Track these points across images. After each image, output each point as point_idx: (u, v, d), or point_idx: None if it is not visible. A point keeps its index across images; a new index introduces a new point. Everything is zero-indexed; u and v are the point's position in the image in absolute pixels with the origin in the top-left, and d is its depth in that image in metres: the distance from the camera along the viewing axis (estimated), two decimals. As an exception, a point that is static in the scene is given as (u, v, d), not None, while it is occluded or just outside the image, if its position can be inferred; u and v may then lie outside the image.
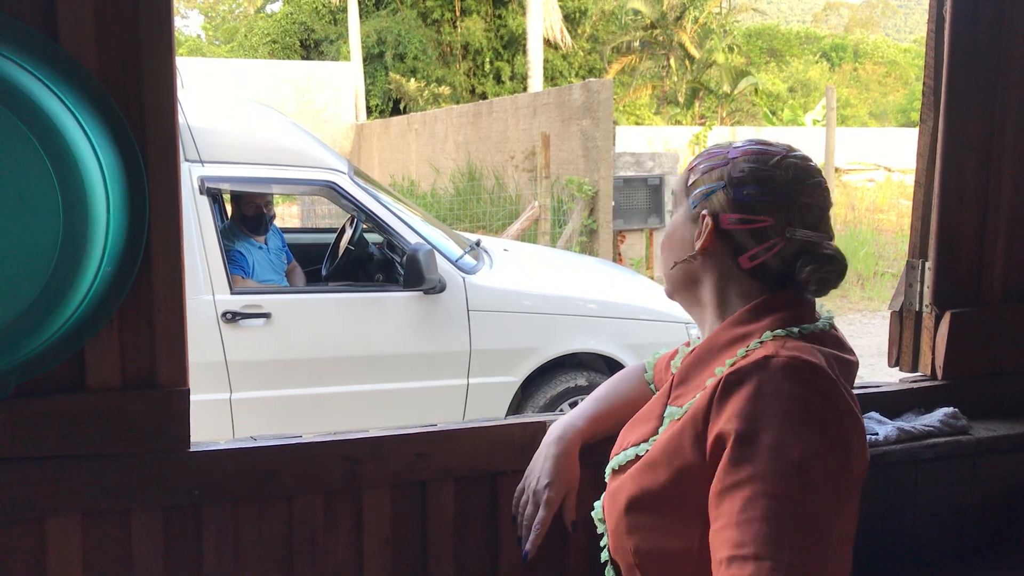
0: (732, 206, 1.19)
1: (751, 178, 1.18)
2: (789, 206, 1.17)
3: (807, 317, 1.18)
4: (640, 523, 1.16)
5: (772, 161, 1.19)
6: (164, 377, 1.34)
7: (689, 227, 1.24)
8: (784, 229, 1.17)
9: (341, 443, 1.45)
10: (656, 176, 10.67)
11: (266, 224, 4.72)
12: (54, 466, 1.30)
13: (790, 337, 1.13)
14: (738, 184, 1.19)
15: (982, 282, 1.77)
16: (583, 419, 1.44)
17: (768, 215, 1.17)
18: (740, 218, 1.18)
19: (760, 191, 1.17)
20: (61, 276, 1.14)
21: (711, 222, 1.20)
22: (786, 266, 1.18)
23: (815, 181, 1.20)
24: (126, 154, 1.26)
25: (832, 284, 1.18)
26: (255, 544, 1.42)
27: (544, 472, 1.39)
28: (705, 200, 1.22)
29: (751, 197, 1.17)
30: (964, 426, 1.67)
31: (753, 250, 1.18)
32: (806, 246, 1.17)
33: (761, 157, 1.20)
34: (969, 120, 1.71)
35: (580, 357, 4.63)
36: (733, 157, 1.22)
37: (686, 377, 1.22)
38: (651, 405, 1.28)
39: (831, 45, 47.64)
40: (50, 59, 1.20)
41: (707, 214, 1.21)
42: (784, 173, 1.18)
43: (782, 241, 1.17)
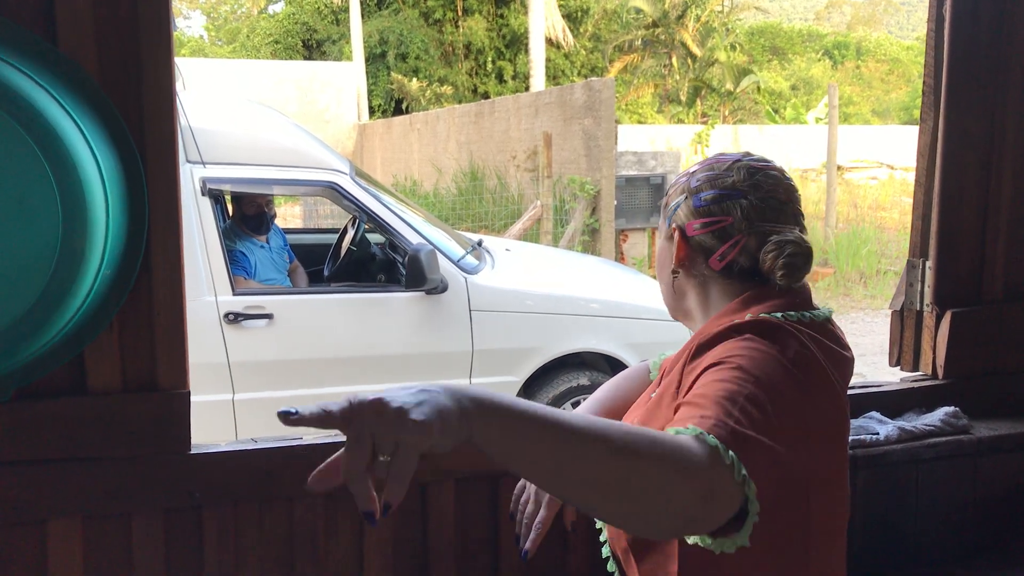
0: (693, 213, 1.27)
1: (706, 184, 1.27)
2: (745, 202, 1.23)
3: (797, 307, 1.20)
4: None
5: (725, 166, 1.28)
6: (164, 380, 1.35)
7: (668, 246, 1.33)
8: (743, 224, 1.23)
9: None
10: (658, 175, 10.66)
11: (267, 223, 4.72)
12: (55, 469, 1.31)
13: (771, 317, 1.15)
14: (695, 192, 1.27)
15: (983, 281, 1.77)
16: None
17: (725, 214, 1.24)
18: (702, 223, 1.26)
19: (715, 194, 1.25)
20: (61, 279, 1.15)
21: (679, 233, 1.28)
22: (753, 260, 1.23)
23: (770, 176, 1.26)
24: (125, 157, 1.26)
25: (800, 268, 1.20)
26: (256, 546, 1.42)
27: None
28: (673, 215, 1.31)
29: (708, 201, 1.26)
30: (965, 425, 1.67)
31: (720, 250, 1.24)
32: (768, 236, 1.22)
33: (715, 165, 1.29)
34: (969, 119, 1.71)
35: (583, 357, 4.63)
36: (692, 171, 1.31)
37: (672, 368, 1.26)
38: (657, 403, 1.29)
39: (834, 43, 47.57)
40: (48, 62, 1.20)
41: (676, 227, 1.29)
42: (736, 174, 1.26)
43: (744, 236, 1.23)
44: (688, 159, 20.16)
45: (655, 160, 11.01)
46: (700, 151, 21.38)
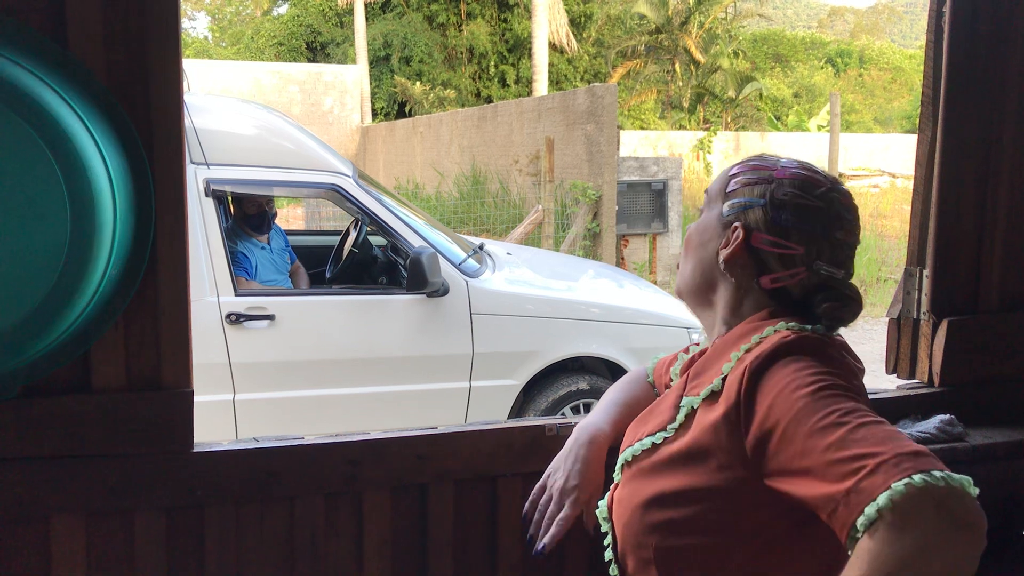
0: (768, 227, 1.20)
1: (793, 204, 1.19)
2: (822, 240, 1.19)
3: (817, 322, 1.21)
4: (663, 518, 1.17)
5: (817, 191, 1.21)
6: (168, 378, 1.36)
7: (719, 232, 1.25)
8: (812, 261, 1.19)
9: (342, 445, 1.47)
10: (660, 181, 10.68)
11: (268, 223, 4.74)
12: (59, 466, 1.32)
13: (803, 330, 1.16)
14: (779, 206, 1.19)
15: (979, 290, 1.78)
16: (609, 424, 1.45)
17: (800, 244, 1.19)
18: (773, 240, 1.19)
19: (799, 219, 1.19)
20: (68, 278, 1.16)
21: (742, 235, 1.21)
22: (804, 294, 1.20)
23: (852, 220, 1.22)
24: (133, 158, 1.28)
25: (845, 323, 1.19)
26: (257, 545, 1.44)
27: (573, 473, 1.39)
28: (742, 212, 1.22)
29: (789, 223, 1.19)
30: (960, 433, 1.68)
31: (777, 273, 1.20)
32: (828, 281, 1.20)
33: (807, 184, 1.21)
34: (967, 130, 1.72)
35: (582, 361, 4.65)
36: (779, 177, 1.22)
37: (701, 370, 1.24)
38: (662, 400, 1.30)
39: (836, 51, 47.61)
40: (59, 65, 1.22)
41: (740, 226, 1.22)
42: (827, 206, 1.20)
43: (806, 272, 1.19)
44: (690, 165, 20.16)
45: (657, 166, 11.03)
46: (702, 157, 21.39)
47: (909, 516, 0.88)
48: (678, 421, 1.21)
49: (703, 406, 1.18)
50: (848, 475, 0.94)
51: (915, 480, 0.89)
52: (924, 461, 0.92)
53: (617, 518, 1.27)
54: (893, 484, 0.90)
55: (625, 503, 1.25)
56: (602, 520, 1.33)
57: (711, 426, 1.14)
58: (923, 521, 0.88)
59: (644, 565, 1.21)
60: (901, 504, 0.89)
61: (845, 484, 0.94)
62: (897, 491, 0.89)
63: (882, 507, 0.89)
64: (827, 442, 0.97)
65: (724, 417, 1.12)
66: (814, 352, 1.10)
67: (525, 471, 1.54)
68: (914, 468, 0.91)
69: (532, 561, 1.47)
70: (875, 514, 0.90)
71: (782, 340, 1.12)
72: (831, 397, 1.02)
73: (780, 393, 1.05)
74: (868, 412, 1.00)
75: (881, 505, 0.90)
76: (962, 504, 0.89)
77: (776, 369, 1.09)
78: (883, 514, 0.89)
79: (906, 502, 0.89)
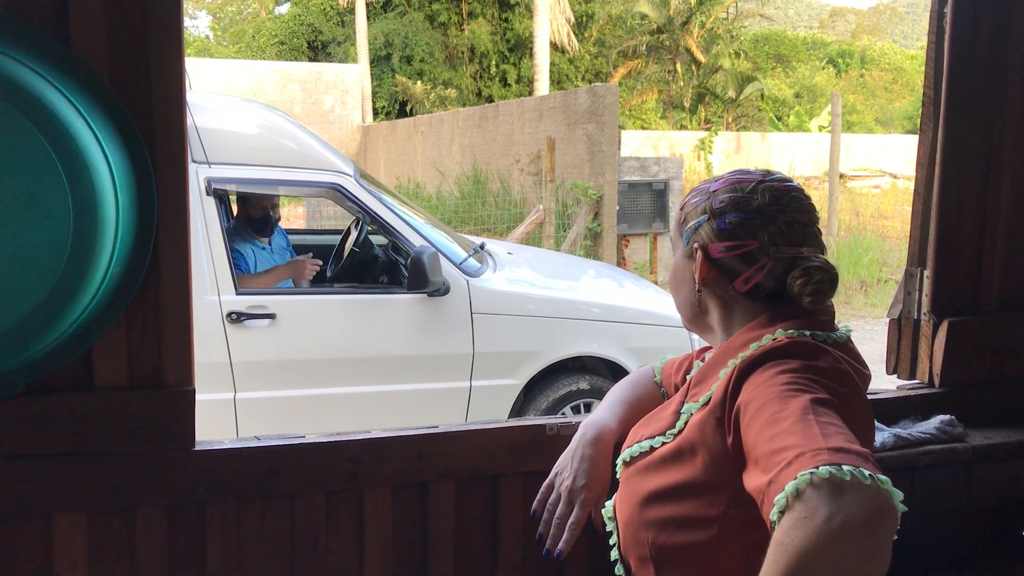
0: (718, 235, 1.26)
1: (731, 206, 1.26)
2: (770, 227, 1.24)
3: (821, 326, 1.22)
4: (659, 515, 1.20)
5: (748, 188, 1.27)
6: (170, 376, 1.36)
7: (687, 264, 1.32)
8: (769, 249, 1.23)
9: (343, 444, 1.47)
10: (660, 181, 10.68)
11: (271, 226, 4.73)
12: (61, 464, 1.32)
13: (802, 337, 1.18)
14: (719, 214, 1.26)
15: (980, 291, 1.78)
16: (615, 422, 1.46)
17: (751, 239, 1.24)
18: (727, 246, 1.25)
19: (740, 217, 1.25)
20: (71, 277, 1.17)
21: (702, 254, 1.27)
22: (779, 283, 1.24)
23: (793, 198, 1.26)
24: (135, 157, 1.28)
25: (825, 293, 1.22)
26: (257, 542, 1.44)
27: (581, 473, 1.40)
28: (694, 234, 1.29)
29: (733, 224, 1.25)
30: (960, 433, 1.69)
31: (745, 273, 1.25)
32: (794, 261, 1.23)
33: (738, 185, 1.28)
34: (968, 130, 1.72)
35: (583, 361, 4.65)
36: (713, 190, 1.29)
37: (702, 378, 1.27)
38: (666, 406, 1.32)
39: (838, 51, 47.59)
40: (62, 63, 1.22)
41: (698, 247, 1.28)
42: (761, 197, 1.25)
43: (770, 261, 1.23)
44: (691, 165, 20.16)
45: (658, 166, 11.03)
46: (703, 157, 21.39)
47: (806, 505, 0.86)
48: (677, 427, 1.23)
49: (699, 410, 1.21)
50: (773, 466, 0.94)
51: (819, 471, 0.87)
52: (843, 456, 0.90)
53: (619, 517, 1.30)
54: (799, 473, 0.89)
55: (625, 502, 1.27)
56: (607, 520, 1.35)
57: (699, 423, 1.18)
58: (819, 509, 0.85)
59: (643, 563, 1.23)
60: (802, 493, 0.87)
61: (769, 475, 0.94)
62: (802, 480, 0.88)
63: (788, 496, 0.89)
64: (770, 434, 0.99)
65: (711, 414, 1.16)
66: (803, 355, 1.13)
67: (526, 470, 1.54)
68: (827, 461, 0.89)
69: (533, 559, 1.48)
70: (784, 503, 0.89)
71: (775, 344, 1.15)
72: (795, 393, 1.03)
73: (757, 388, 1.08)
74: (826, 412, 0.99)
75: (787, 494, 0.89)
76: (867, 500, 0.86)
77: (762, 370, 1.12)
78: (789, 504, 0.88)
79: (807, 491, 0.87)
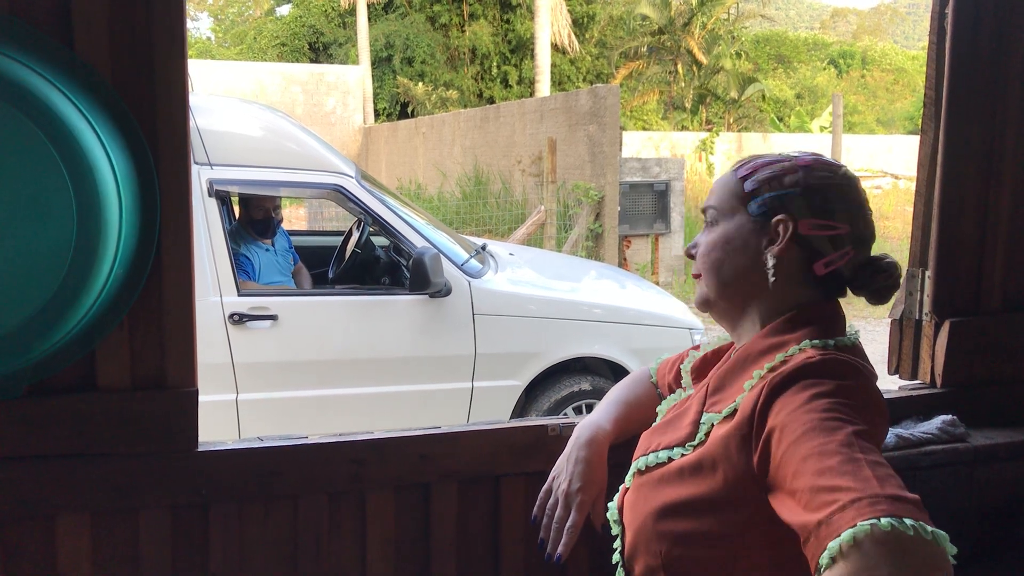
0: (813, 211, 1.19)
1: (829, 184, 1.20)
2: (860, 216, 1.21)
3: (839, 330, 1.20)
4: (674, 529, 1.17)
5: (841, 171, 1.23)
6: (173, 378, 1.36)
7: (754, 235, 1.22)
8: (856, 238, 1.20)
9: (346, 444, 1.47)
10: (662, 182, 10.69)
11: (274, 228, 4.74)
12: (64, 465, 1.32)
13: (827, 348, 1.15)
14: (816, 190, 1.20)
15: (981, 291, 1.78)
16: (610, 422, 1.45)
17: (844, 223, 1.19)
18: (821, 223, 1.19)
19: (837, 198, 1.20)
20: (74, 278, 1.17)
21: (791, 226, 1.19)
22: (854, 275, 1.21)
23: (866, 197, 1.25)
24: (138, 159, 1.28)
25: (890, 294, 1.22)
26: (260, 543, 1.44)
27: (576, 475, 1.39)
28: (779, 205, 1.20)
29: (830, 204, 1.19)
30: (962, 434, 1.68)
31: (830, 256, 1.19)
32: (869, 256, 1.22)
33: (831, 167, 1.23)
34: (970, 130, 1.72)
35: (585, 362, 4.65)
36: (804, 164, 1.22)
37: (721, 385, 1.23)
38: (682, 411, 1.29)
39: (839, 52, 47.57)
40: (65, 65, 1.23)
41: (786, 218, 1.19)
42: (851, 185, 1.22)
43: (854, 251, 1.20)
44: (692, 166, 20.15)
45: (659, 167, 11.04)
46: (704, 158, 21.38)
47: (866, 559, 0.84)
48: (698, 439, 1.20)
49: (721, 423, 1.17)
50: (823, 506, 0.91)
51: (881, 523, 0.85)
52: (902, 507, 0.87)
53: (628, 523, 1.27)
54: (860, 522, 0.86)
55: (636, 510, 1.25)
56: (613, 523, 1.33)
57: (722, 438, 1.14)
58: (879, 568, 0.83)
59: (652, 572, 1.21)
60: (861, 544, 0.85)
61: (819, 515, 0.91)
62: (861, 530, 0.85)
63: (843, 544, 0.86)
64: (816, 468, 0.95)
65: (736, 430, 1.12)
66: (836, 375, 1.08)
67: (528, 471, 1.54)
68: (887, 512, 0.86)
69: (536, 560, 1.48)
70: (837, 550, 0.87)
71: (807, 360, 1.11)
72: (838, 425, 0.99)
73: (792, 413, 1.04)
74: (871, 448, 0.97)
75: (843, 541, 0.86)
76: (927, 559, 0.84)
77: (795, 390, 1.07)
78: (843, 552, 0.86)
79: (867, 543, 0.85)
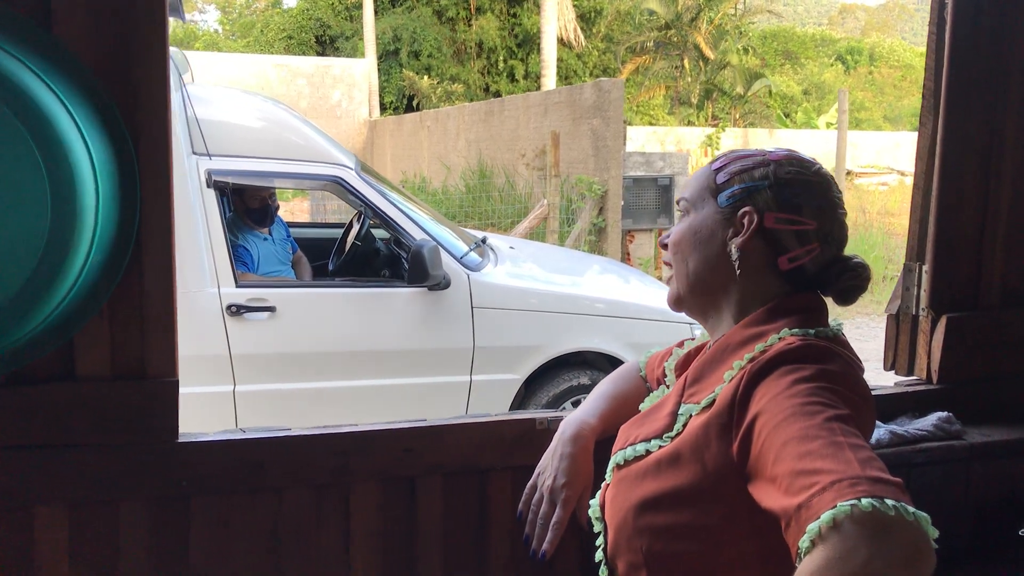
0: (779, 205, 1.18)
1: (798, 180, 1.20)
2: (829, 214, 1.20)
3: (819, 321, 1.18)
4: (655, 523, 1.15)
5: (813, 168, 1.22)
6: (153, 367, 1.34)
7: (720, 224, 1.22)
8: (823, 235, 1.19)
9: (330, 437, 1.45)
10: (666, 176, 10.65)
11: (271, 216, 4.72)
12: (42, 455, 1.31)
13: (807, 337, 1.13)
14: (784, 184, 1.19)
15: (980, 287, 1.76)
16: (595, 417, 1.43)
17: (812, 219, 1.18)
18: (787, 218, 1.18)
19: (806, 194, 1.19)
20: (49, 264, 1.15)
21: (756, 219, 1.19)
22: (819, 272, 1.20)
23: (841, 196, 1.24)
24: (118, 144, 1.26)
25: (858, 294, 1.21)
26: (243, 536, 1.42)
27: (561, 471, 1.37)
28: (747, 197, 1.20)
29: (798, 198, 1.19)
30: (958, 431, 1.66)
31: (794, 251, 1.19)
32: (837, 255, 1.20)
33: (803, 162, 1.23)
34: (969, 122, 1.70)
35: (584, 356, 4.62)
36: (775, 159, 1.22)
37: (700, 376, 1.21)
38: (659, 403, 1.27)
39: (846, 48, 47.41)
40: (42, 48, 1.20)
41: (751, 210, 1.19)
42: (824, 182, 1.21)
43: (819, 248, 1.19)
44: (697, 161, 20.11)
45: (663, 161, 11.00)
46: (710, 153, 21.33)
47: (846, 540, 0.82)
48: (675, 430, 1.17)
49: (699, 413, 1.15)
50: (803, 489, 0.89)
51: (862, 503, 0.83)
52: (883, 488, 0.86)
53: (609, 520, 1.25)
54: (839, 503, 0.84)
55: (616, 505, 1.22)
56: (595, 520, 1.31)
57: (701, 427, 1.12)
58: (859, 549, 0.81)
59: (634, 569, 1.18)
60: (841, 525, 0.83)
61: (798, 498, 0.90)
62: (841, 511, 0.83)
63: (822, 526, 0.84)
64: (796, 452, 0.93)
65: (715, 419, 1.10)
66: (817, 360, 1.07)
67: (515, 464, 1.52)
68: (868, 492, 0.84)
69: (522, 554, 1.46)
70: (816, 532, 0.85)
71: (787, 347, 1.09)
72: (820, 409, 0.98)
73: (773, 399, 1.02)
74: (853, 432, 0.95)
75: (822, 523, 0.84)
76: (909, 540, 0.83)
77: (775, 376, 1.05)
78: (823, 534, 0.84)
79: (846, 524, 0.83)
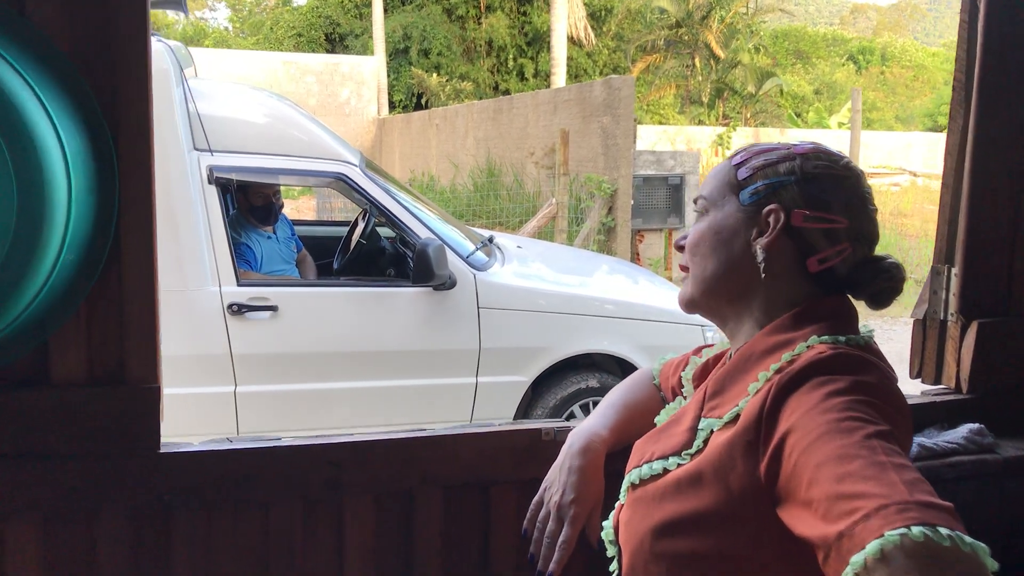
0: (807, 202, 1.09)
1: (827, 175, 1.10)
2: (860, 211, 1.10)
3: (850, 327, 1.08)
4: (674, 548, 1.05)
5: (842, 162, 1.13)
6: (134, 373, 1.26)
7: (743, 224, 1.12)
8: (854, 234, 1.09)
9: (323, 447, 1.37)
10: (676, 175, 10.55)
11: (275, 214, 4.65)
12: (13, 466, 1.23)
13: (838, 345, 1.03)
14: (812, 179, 1.10)
15: (1012, 290, 1.66)
16: (606, 429, 1.32)
17: (843, 216, 1.09)
18: (817, 215, 1.08)
19: (836, 190, 1.09)
20: (15, 262, 1.07)
21: (783, 216, 1.09)
22: (850, 274, 1.10)
23: (871, 192, 1.14)
24: (94, 136, 1.18)
25: (892, 297, 1.11)
26: (228, 553, 1.34)
27: (569, 486, 1.27)
28: (772, 194, 1.10)
29: (827, 195, 1.09)
30: (990, 444, 1.57)
31: (824, 252, 1.09)
32: (869, 255, 1.11)
33: (831, 156, 1.13)
34: (1003, 118, 1.60)
35: (593, 358, 4.54)
36: (801, 152, 1.13)
37: (721, 388, 1.11)
38: (677, 416, 1.17)
39: (858, 48, 47.26)
40: (13, 33, 1.12)
41: (777, 208, 1.09)
42: (854, 177, 1.12)
43: (851, 248, 1.09)
44: (708, 160, 20.03)
45: (673, 160, 10.90)
46: (720, 152, 21.25)
47: (898, 574, 0.74)
48: (695, 447, 1.08)
49: (722, 428, 1.05)
50: (844, 515, 0.81)
51: (913, 532, 0.75)
52: (935, 515, 0.78)
53: (624, 543, 1.15)
54: (887, 532, 0.76)
55: (632, 528, 1.12)
56: (608, 543, 1.21)
57: (725, 445, 1.02)
58: None
59: None
60: (890, 557, 0.75)
61: (839, 526, 0.81)
62: (890, 540, 0.75)
63: (868, 558, 0.76)
64: (835, 474, 0.84)
65: (741, 436, 1.00)
66: (851, 370, 0.97)
67: (520, 478, 1.43)
68: (919, 519, 0.77)
69: (528, 574, 1.37)
70: (861, 565, 0.76)
71: (818, 356, 0.99)
72: (858, 425, 0.89)
73: (805, 414, 0.93)
74: (895, 450, 0.86)
75: (868, 555, 0.76)
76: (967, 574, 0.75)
77: (806, 389, 0.96)
78: (869, 567, 0.76)
79: (897, 556, 0.75)
